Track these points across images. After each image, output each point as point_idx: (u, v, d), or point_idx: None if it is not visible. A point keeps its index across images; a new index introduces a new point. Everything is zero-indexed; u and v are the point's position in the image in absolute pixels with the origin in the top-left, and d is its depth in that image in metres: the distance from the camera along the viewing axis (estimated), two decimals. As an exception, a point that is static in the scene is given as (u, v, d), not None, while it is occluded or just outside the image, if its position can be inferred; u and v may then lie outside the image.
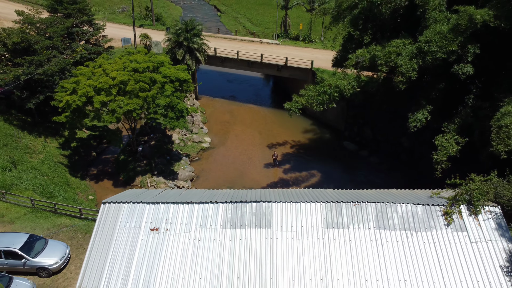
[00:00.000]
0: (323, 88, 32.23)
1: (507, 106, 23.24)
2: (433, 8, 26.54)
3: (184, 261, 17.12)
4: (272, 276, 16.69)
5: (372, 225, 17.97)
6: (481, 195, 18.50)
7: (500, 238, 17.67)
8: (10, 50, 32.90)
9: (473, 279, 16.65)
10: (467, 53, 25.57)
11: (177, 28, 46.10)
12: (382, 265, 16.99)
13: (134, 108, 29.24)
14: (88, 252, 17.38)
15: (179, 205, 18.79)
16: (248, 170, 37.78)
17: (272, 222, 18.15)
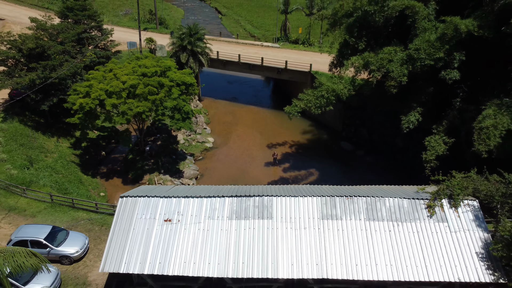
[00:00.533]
0: (320, 92, 34.40)
1: (488, 109, 25.50)
2: (422, 18, 28.78)
3: (195, 248, 19.34)
4: (273, 261, 18.91)
5: (362, 217, 20.21)
6: (460, 190, 20.74)
7: (477, 228, 19.91)
8: (26, 55, 35.11)
9: (451, 264, 18.88)
10: (454, 60, 27.80)
11: (181, 32, 48.28)
12: (371, 251, 19.20)
13: (143, 110, 31.46)
14: (109, 240, 19.60)
15: (189, 199, 21.03)
16: (250, 169, 39.98)
17: (273, 214, 20.38)
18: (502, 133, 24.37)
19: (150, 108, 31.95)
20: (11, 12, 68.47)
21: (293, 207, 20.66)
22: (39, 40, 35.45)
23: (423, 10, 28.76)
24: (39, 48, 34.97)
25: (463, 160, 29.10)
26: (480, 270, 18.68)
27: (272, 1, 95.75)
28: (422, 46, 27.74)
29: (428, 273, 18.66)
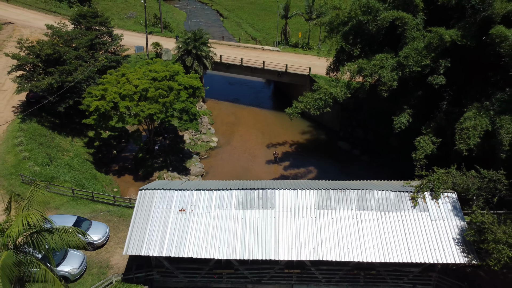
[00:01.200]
0: (319, 95, 37.29)
1: (469, 112, 28.43)
2: (411, 28, 31.67)
3: (206, 234, 22.23)
4: (275, 246, 21.79)
5: (354, 207, 23.12)
6: (441, 184, 23.65)
7: (454, 217, 22.83)
8: (44, 61, 37.96)
9: (431, 248, 21.76)
10: (440, 66, 30.68)
11: (186, 37, 51.15)
12: (361, 237, 22.09)
13: (155, 112, 34.34)
14: (130, 227, 22.49)
15: (201, 191, 23.93)
16: (252, 166, 42.83)
17: (275, 204, 23.29)
18: (481, 133, 27.28)
19: (161, 110, 34.83)
20: (20, 16, 71.08)
21: (293, 198, 23.56)
22: (56, 46, 38.28)
23: (412, 20, 31.66)
24: (56, 54, 37.84)
25: (450, 158, 31.95)
26: (456, 253, 21.58)
27: (273, 4, 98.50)
28: (411, 53, 30.63)
29: (411, 255, 21.55)
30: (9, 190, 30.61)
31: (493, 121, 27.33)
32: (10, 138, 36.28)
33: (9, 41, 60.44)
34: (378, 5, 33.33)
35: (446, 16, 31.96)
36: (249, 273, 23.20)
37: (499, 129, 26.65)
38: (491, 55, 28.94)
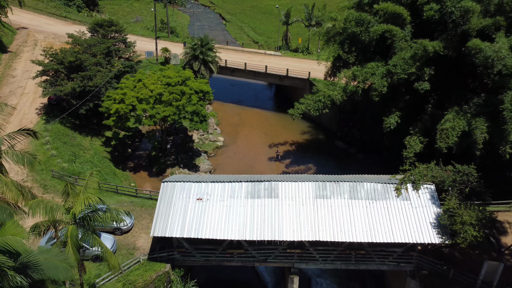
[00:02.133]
0: (318, 97, 41.53)
1: (449, 114, 32.68)
2: (399, 39, 35.89)
3: (220, 219, 26.44)
4: (279, 229, 26.01)
5: (346, 196, 27.36)
6: (421, 177, 27.90)
7: (432, 205, 27.09)
8: (67, 67, 42.14)
9: (412, 231, 25.99)
10: (424, 74, 34.86)
11: (193, 43, 55.32)
12: (352, 222, 26.32)
13: (169, 114, 38.55)
14: (156, 213, 26.72)
15: (215, 183, 28.18)
16: (256, 164, 47.00)
17: (279, 194, 27.53)
18: (458, 133, 31.50)
19: (174, 112, 39.04)
20: (32, 20, 75.01)
21: (294, 189, 27.82)
22: (78, 54, 42.46)
23: (400, 33, 35.87)
24: (77, 61, 42.02)
25: (434, 155, 36.13)
26: (432, 234, 25.83)
27: (273, 8, 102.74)
28: (399, 62, 34.83)
29: (395, 237, 25.81)
30: (42, 183, 34.85)
31: (469, 123, 31.56)
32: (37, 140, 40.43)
33: (25, 45, 64.60)
34: (369, 17, 37.58)
35: (430, 29, 36.16)
36: (256, 253, 27.43)
37: (474, 130, 30.90)
38: (470, 64, 33.11)
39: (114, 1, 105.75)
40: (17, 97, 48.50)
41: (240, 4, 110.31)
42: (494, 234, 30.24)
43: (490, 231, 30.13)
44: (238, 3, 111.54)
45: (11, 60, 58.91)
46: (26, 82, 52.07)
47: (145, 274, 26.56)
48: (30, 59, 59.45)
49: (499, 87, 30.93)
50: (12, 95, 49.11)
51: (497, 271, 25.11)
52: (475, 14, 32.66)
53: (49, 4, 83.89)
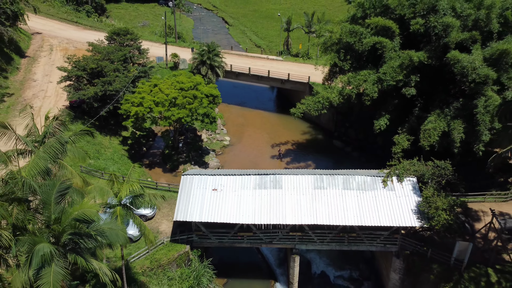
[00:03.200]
0: (318, 99, 46.51)
1: (431, 117, 37.76)
2: (389, 50, 40.93)
3: (233, 206, 31.47)
4: (283, 215, 31.03)
5: (340, 187, 32.42)
6: (404, 171, 32.96)
7: (413, 194, 32.13)
8: (89, 73, 47.14)
9: (396, 216, 31.01)
10: (411, 81, 39.89)
11: (201, 49, 60.33)
12: (345, 209, 31.35)
13: (183, 116, 43.56)
14: (177, 202, 31.74)
15: (228, 176, 33.24)
16: (260, 161, 51.96)
17: (283, 185, 32.57)
18: (439, 133, 36.58)
19: (188, 114, 44.03)
20: (45, 26, 79.86)
21: (296, 181, 32.88)
22: (99, 61, 47.47)
23: (390, 44, 40.92)
24: (99, 67, 47.04)
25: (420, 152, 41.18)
26: (413, 219, 30.87)
27: (274, 12, 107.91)
28: (388, 70, 39.86)
29: (381, 221, 30.84)
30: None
31: (449, 124, 36.67)
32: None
33: (41, 50, 69.60)
34: (362, 29, 42.65)
35: (417, 41, 41.21)
36: (263, 235, 32.50)
37: (453, 131, 36.03)
38: (450, 72, 38.15)
39: (119, 5, 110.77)
40: (41, 100, 53.48)
41: (242, 8, 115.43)
42: (469, 221, 35.30)
43: (466, 218, 35.26)
44: (240, 7, 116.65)
45: (30, 65, 63.85)
46: (47, 86, 57.05)
47: (169, 253, 31.62)
48: (47, 63, 64.79)
49: (474, 93, 36.07)
50: (36, 98, 54.08)
51: (467, 250, 30.10)
52: (455, 28, 37.70)
53: (60, 10, 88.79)
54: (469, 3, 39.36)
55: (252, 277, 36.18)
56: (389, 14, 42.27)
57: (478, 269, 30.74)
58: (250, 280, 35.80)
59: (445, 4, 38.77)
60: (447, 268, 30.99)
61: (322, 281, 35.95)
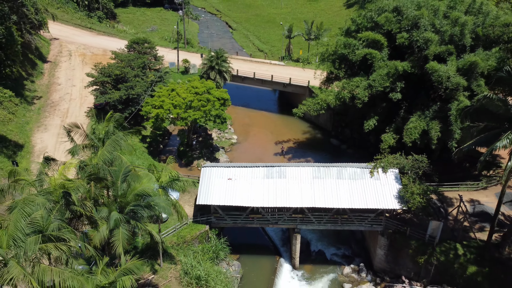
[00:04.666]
0: (317, 100, 53.75)
1: (413, 118, 45.07)
2: (378, 60, 48.18)
3: (245, 193, 38.74)
4: (287, 199, 38.31)
5: (334, 177, 39.72)
6: (388, 163, 40.23)
7: (395, 183, 39.45)
8: (113, 79, 54.35)
9: (381, 201, 38.32)
10: (397, 87, 47.13)
11: (210, 56, 67.58)
12: (339, 195, 38.64)
13: (198, 117, 50.79)
14: (199, 189, 38.99)
15: (240, 168, 40.54)
16: (264, 158, 59.14)
17: (286, 176, 39.86)
18: (419, 132, 43.85)
19: (202, 115, 51.29)
20: (61, 31, 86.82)
21: (297, 172, 40.15)
22: (123, 68, 54.71)
23: (378, 55, 48.18)
24: (122, 74, 54.28)
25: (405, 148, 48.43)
26: (395, 203, 38.15)
27: (275, 16, 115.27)
28: (377, 78, 47.10)
29: (368, 205, 38.12)
30: (103, 170, 47.06)
31: (428, 124, 43.98)
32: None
33: (61, 56, 76.81)
34: (355, 42, 49.97)
35: (402, 52, 48.51)
36: (270, 217, 39.78)
37: (431, 130, 43.34)
38: (430, 80, 45.40)
39: (127, 10, 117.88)
40: (67, 102, 60.74)
41: (244, 12, 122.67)
42: (444, 206, 42.62)
43: (441, 204, 42.60)
44: (243, 11, 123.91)
45: (53, 69, 71.07)
46: (71, 89, 64.33)
47: (192, 231, 38.91)
48: (68, 68, 72.02)
49: (449, 98, 43.42)
50: (62, 100, 61.32)
51: (439, 228, 37.35)
52: (434, 42, 44.99)
53: (74, 16, 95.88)
54: (447, 20, 46.69)
55: (260, 254, 43.51)
56: (378, 29, 49.56)
57: (448, 244, 38.02)
58: (258, 256, 43.10)
59: (426, 21, 46.08)
60: (422, 244, 38.25)
61: (319, 258, 43.23)
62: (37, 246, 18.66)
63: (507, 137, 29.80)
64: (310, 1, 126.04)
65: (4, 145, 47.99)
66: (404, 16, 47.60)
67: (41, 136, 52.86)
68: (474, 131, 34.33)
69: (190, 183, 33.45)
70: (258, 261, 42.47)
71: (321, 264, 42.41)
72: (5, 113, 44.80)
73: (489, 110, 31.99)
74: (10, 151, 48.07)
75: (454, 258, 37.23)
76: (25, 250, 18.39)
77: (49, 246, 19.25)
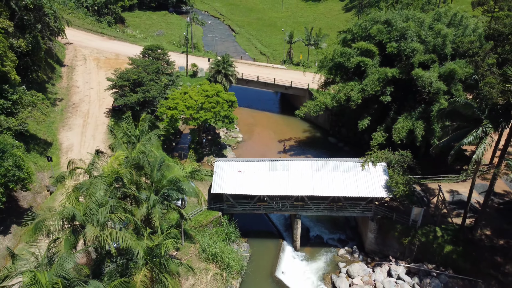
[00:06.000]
0: (316, 102, 60.87)
1: (400, 118, 52.12)
2: (370, 67, 55.20)
3: (253, 183, 45.70)
4: (289, 188, 45.27)
5: (330, 170, 46.73)
6: (377, 158, 47.22)
7: (383, 175, 46.46)
8: (131, 83, 61.30)
9: (371, 190, 45.27)
10: (386, 91, 54.18)
11: (217, 60, 74.58)
12: (334, 184, 45.62)
13: (209, 118, 57.75)
14: (213, 180, 45.94)
15: (249, 162, 47.55)
16: (268, 155, 66.05)
17: (289, 169, 46.86)
18: (406, 131, 50.89)
19: (212, 116, 58.25)
20: (74, 36, 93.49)
21: (298, 165, 47.15)
22: (139, 73, 61.67)
23: (371, 62, 55.19)
24: (139, 78, 61.25)
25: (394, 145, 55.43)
26: (382, 191, 45.10)
27: (277, 20, 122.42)
28: (369, 83, 54.12)
29: (360, 193, 45.08)
30: (126, 165, 54.02)
31: (413, 124, 51.01)
32: (113, 134, 59.62)
33: (76, 60, 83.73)
34: (350, 50, 57.03)
35: (392, 59, 55.57)
36: (275, 204, 46.77)
37: (416, 129, 50.38)
38: (416, 84, 52.43)
39: (134, 14, 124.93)
40: (87, 104, 67.70)
41: (246, 16, 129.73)
42: (427, 195, 49.63)
43: (425, 193, 49.62)
44: (245, 15, 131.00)
45: (70, 73, 78.00)
46: (89, 91, 71.27)
47: (206, 217, 45.87)
48: (85, 72, 78.92)
49: (432, 101, 50.44)
50: (82, 102, 68.27)
51: (420, 214, 44.31)
52: (419, 51, 52.01)
53: (85, 21, 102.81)
54: (431, 31, 53.75)
55: (266, 237, 50.50)
56: (371, 39, 56.63)
57: (428, 228, 44.96)
58: (264, 239, 50.06)
59: (412, 32, 53.13)
60: (406, 227, 45.20)
61: (317, 241, 50.20)
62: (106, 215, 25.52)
63: (472, 134, 36.80)
64: (310, 5, 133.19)
65: (36, 143, 54.98)
66: (393, 28, 54.70)
67: (66, 134, 59.83)
68: (449, 129, 41.48)
69: (208, 172, 40.31)
70: (264, 243, 49.40)
71: (319, 246, 49.35)
72: (39, 114, 51.58)
73: (460, 112, 39.01)
74: (41, 148, 55.08)
75: (433, 239, 44.18)
76: (98, 217, 25.25)
77: (112, 216, 26.11)
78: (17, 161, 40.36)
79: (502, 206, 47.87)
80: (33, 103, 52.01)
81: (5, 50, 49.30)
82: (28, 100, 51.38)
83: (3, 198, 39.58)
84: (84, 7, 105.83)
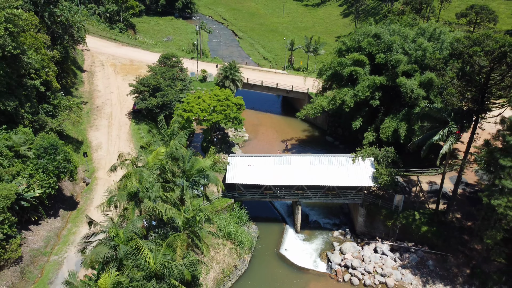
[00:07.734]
0: (315, 105, 71.03)
1: (387, 119, 62.31)
2: (361, 75, 65.36)
3: (261, 174, 55.83)
4: (291, 179, 55.41)
5: (326, 164, 56.94)
6: (366, 154, 57.39)
7: (371, 168, 56.65)
8: (151, 88, 71.38)
9: (360, 180, 55.45)
10: (376, 96, 64.35)
11: (224, 67, 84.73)
12: (329, 176, 55.78)
13: (220, 119, 67.82)
14: (227, 172, 56.08)
15: (256, 157, 57.76)
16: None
17: (291, 163, 57.06)
18: (392, 130, 61.06)
19: (223, 118, 68.36)
20: (90, 43, 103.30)
21: (299, 160, 57.34)
22: (158, 79, 71.78)
23: (362, 71, 65.34)
24: (158, 84, 71.36)
25: (381, 143, 65.54)
26: (370, 181, 55.21)
27: (278, 25, 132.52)
28: (360, 89, 64.26)
29: (351, 183, 55.23)
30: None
31: (398, 124, 61.21)
32: (135, 133, 69.77)
33: (94, 66, 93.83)
34: (345, 60, 67.25)
35: (380, 68, 65.78)
36: (279, 192, 56.96)
37: (399, 129, 60.58)
38: (400, 90, 62.58)
39: (142, 19, 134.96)
40: (109, 107, 77.76)
41: (249, 21, 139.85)
42: (409, 186, 59.84)
43: (407, 184, 59.82)
44: (248, 20, 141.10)
45: (90, 78, 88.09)
46: (110, 95, 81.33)
47: (222, 203, 56.01)
48: (104, 77, 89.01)
49: (414, 105, 60.64)
50: (105, 105, 78.33)
51: (401, 200, 54.41)
52: (403, 62, 62.19)
53: (99, 28, 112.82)
54: (414, 44, 63.94)
55: (271, 222, 60.63)
56: (362, 51, 66.85)
57: (408, 212, 55.07)
58: (270, 223, 60.18)
59: (397, 45, 63.34)
60: (390, 212, 55.31)
61: (315, 225, 60.37)
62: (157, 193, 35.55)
63: (439, 133, 46.94)
64: (310, 10, 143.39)
65: (70, 141, 65.08)
66: (382, 41, 64.92)
67: (94, 134, 69.92)
68: (425, 129, 51.67)
69: (226, 163, 50.35)
70: (269, 226, 59.52)
71: (317, 229, 59.48)
72: (75, 116, 61.69)
73: (431, 115, 49.17)
74: (74, 146, 65.20)
75: (412, 222, 54.31)
76: (152, 194, 35.27)
77: (160, 193, 36.14)
78: (67, 156, 50.42)
79: (472, 194, 58.07)
80: (69, 107, 62.11)
81: (48, 62, 59.38)
82: (66, 104, 61.47)
83: (56, 186, 49.69)
84: (97, 15, 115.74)
